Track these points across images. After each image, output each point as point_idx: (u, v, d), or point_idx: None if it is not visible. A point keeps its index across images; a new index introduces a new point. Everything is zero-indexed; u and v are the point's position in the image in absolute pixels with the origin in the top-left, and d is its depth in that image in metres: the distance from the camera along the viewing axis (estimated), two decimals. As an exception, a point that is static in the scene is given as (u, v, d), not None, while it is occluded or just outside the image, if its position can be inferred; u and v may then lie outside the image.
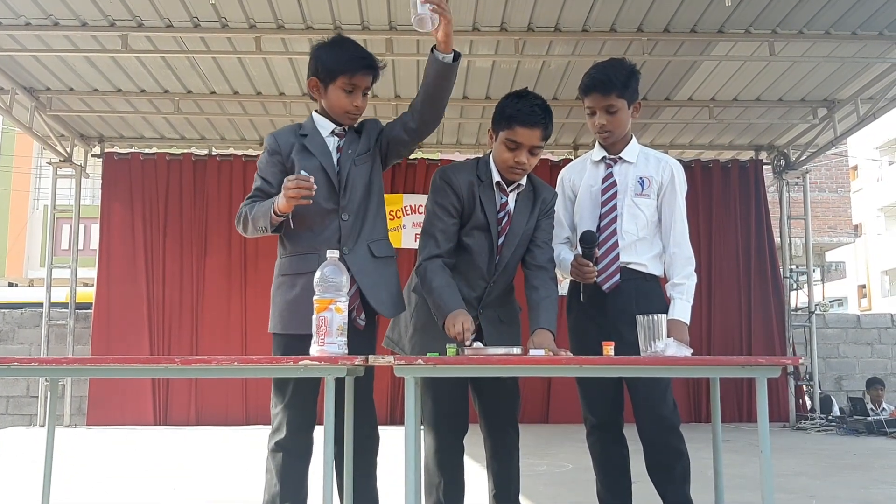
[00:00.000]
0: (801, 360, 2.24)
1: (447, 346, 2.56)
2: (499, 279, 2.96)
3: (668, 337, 2.55)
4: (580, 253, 2.96)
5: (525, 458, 3.05)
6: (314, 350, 2.41)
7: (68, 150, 9.66)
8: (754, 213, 10.06)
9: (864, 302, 31.20)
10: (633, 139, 3.16)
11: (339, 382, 2.67)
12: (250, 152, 9.97)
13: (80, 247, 10.21)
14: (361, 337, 2.76)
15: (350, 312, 2.62)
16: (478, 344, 2.69)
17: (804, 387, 9.83)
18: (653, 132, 9.88)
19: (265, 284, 3.02)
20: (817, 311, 10.38)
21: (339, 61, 2.76)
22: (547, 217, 3.02)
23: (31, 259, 21.41)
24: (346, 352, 2.43)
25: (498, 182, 2.93)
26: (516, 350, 2.53)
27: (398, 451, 2.82)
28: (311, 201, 2.62)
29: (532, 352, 2.48)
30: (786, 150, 10.07)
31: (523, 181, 2.96)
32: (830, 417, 9.24)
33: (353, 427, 2.66)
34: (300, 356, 2.32)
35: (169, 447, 7.38)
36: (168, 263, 9.71)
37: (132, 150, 10.08)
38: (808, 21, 6.97)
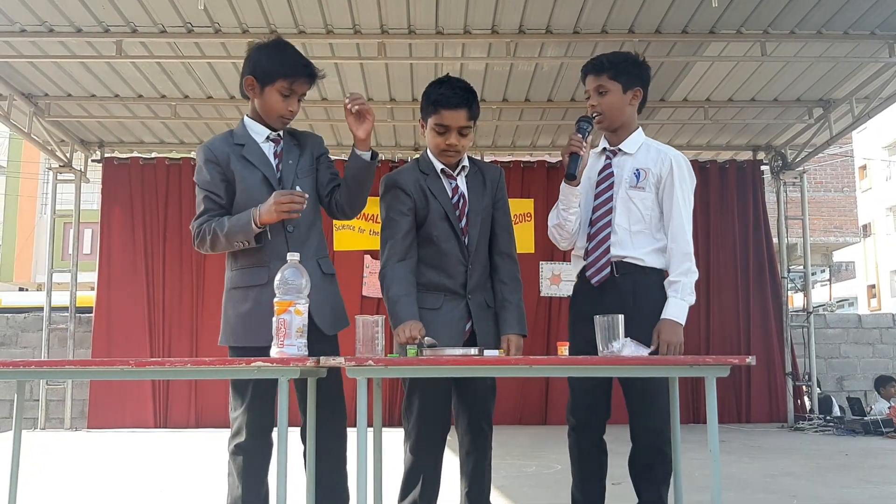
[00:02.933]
0: (747, 360, 2.25)
1: (407, 347, 2.60)
2: (475, 261, 3.02)
3: (626, 337, 2.57)
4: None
5: (516, 459, 3.08)
6: (274, 352, 2.45)
7: (68, 155, 9.75)
8: (752, 214, 10.02)
9: (873, 302, 31.04)
10: (639, 131, 3.11)
11: (306, 384, 2.71)
12: (249, 156, 10.00)
13: (88, 251, 10.27)
14: (326, 343, 2.82)
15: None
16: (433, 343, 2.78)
17: (803, 387, 9.78)
18: (649, 133, 9.64)
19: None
20: (819, 312, 10.32)
21: (281, 64, 2.80)
22: (502, 198, 3.11)
23: (39, 263, 21.61)
24: (306, 354, 2.46)
25: (443, 170, 3.02)
26: (473, 350, 2.56)
27: (391, 454, 2.86)
28: (299, 215, 2.68)
29: (486, 352, 2.51)
30: (783, 151, 10.04)
31: (465, 162, 3.05)
32: (829, 418, 9.18)
33: (314, 429, 2.69)
34: (253, 358, 2.35)
35: (166, 450, 7.44)
36: (168, 267, 9.77)
37: (132, 154, 10.16)
38: (799, 21, 6.96)
